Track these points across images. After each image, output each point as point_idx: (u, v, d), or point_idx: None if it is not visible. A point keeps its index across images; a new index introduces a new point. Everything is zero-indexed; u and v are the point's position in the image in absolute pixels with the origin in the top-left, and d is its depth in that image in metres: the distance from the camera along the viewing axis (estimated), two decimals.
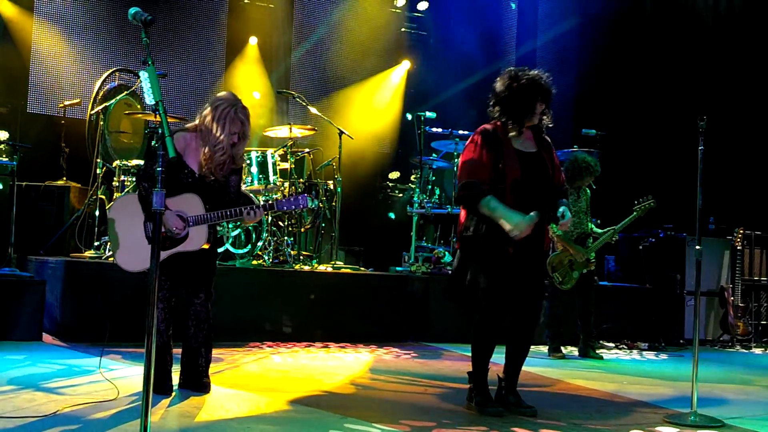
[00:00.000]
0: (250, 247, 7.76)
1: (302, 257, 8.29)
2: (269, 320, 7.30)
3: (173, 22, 10.41)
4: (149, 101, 3.24)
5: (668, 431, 4.45)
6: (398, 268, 9.15)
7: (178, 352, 4.79)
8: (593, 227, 7.57)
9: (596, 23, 11.73)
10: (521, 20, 12.58)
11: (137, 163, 7.59)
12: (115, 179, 7.63)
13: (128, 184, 7.49)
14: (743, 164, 10.56)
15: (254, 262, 7.75)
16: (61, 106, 8.85)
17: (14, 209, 7.41)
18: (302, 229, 8.60)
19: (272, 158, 8.04)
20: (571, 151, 9.04)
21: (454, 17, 12.04)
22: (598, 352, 7.59)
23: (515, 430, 4.24)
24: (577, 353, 7.60)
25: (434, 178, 9.30)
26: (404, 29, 12.17)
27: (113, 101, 8.53)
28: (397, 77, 11.98)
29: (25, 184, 8.23)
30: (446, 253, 8.94)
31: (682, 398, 5.37)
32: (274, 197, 7.94)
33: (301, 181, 8.55)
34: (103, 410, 4.08)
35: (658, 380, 6.42)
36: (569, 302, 7.48)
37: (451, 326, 7.78)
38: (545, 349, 7.48)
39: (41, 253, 7.78)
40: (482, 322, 4.61)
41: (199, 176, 4.63)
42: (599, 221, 8.05)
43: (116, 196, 7.39)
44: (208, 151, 4.60)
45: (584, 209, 7.47)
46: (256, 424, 4.04)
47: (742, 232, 9.31)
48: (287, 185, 8.15)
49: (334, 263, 8.45)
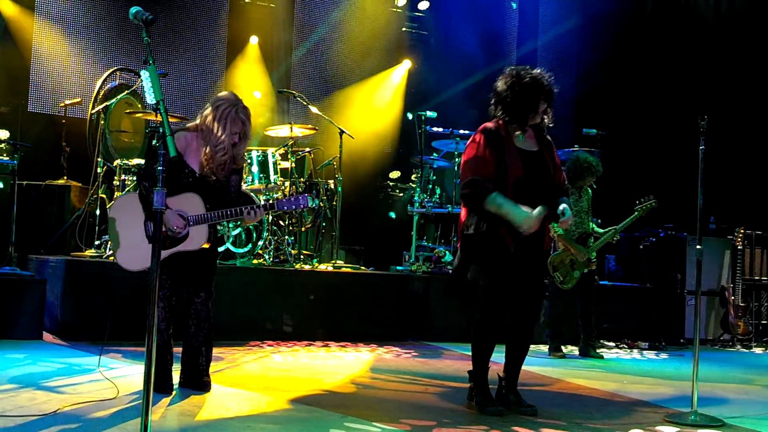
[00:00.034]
0: (250, 246, 7.77)
1: (303, 256, 8.29)
2: (270, 319, 7.30)
3: (174, 21, 10.42)
4: (150, 100, 3.23)
5: (669, 430, 4.45)
6: (399, 267, 9.15)
7: (178, 351, 4.79)
8: (594, 227, 7.57)
9: (597, 23, 11.74)
10: (522, 20, 12.57)
11: (138, 162, 7.58)
12: (115, 178, 7.63)
13: (129, 183, 7.49)
14: (744, 164, 10.56)
15: (255, 261, 7.75)
16: (61, 105, 8.85)
17: (15, 208, 7.41)
18: (303, 228, 8.60)
19: (273, 157, 8.04)
20: (572, 150, 9.04)
21: (454, 17, 12.04)
22: (598, 351, 7.60)
23: (516, 429, 4.24)
24: (577, 352, 7.61)
25: (435, 177, 9.31)
26: (405, 29, 12.18)
27: (114, 100, 8.54)
28: (397, 77, 11.98)
29: (25, 183, 8.23)
30: (447, 252, 8.94)
31: (682, 397, 5.37)
32: (274, 196, 7.95)
33: (301, 180, 8.56)
34: (103, 409, 4.08)
35: (658, 379, 6.42)
36: (570, 302, 7.48)
37: (451, 325, 7.78)
38: (546, 348, 7.49)
39: (42, 252, 7.79)
40: (482, 320, 4.61)
41: (199, 176, 4.63)
42: (600, 221, 8.05)
43: (117, 195, 7.40)
44: (209, 150, 4.60)
45: (586, 209, 7.47)
46: (256, 422, 4.04)
47: (742, 231, 9.31)
48: (288, 184, 8.15)
49: (334, 262, 8.45)
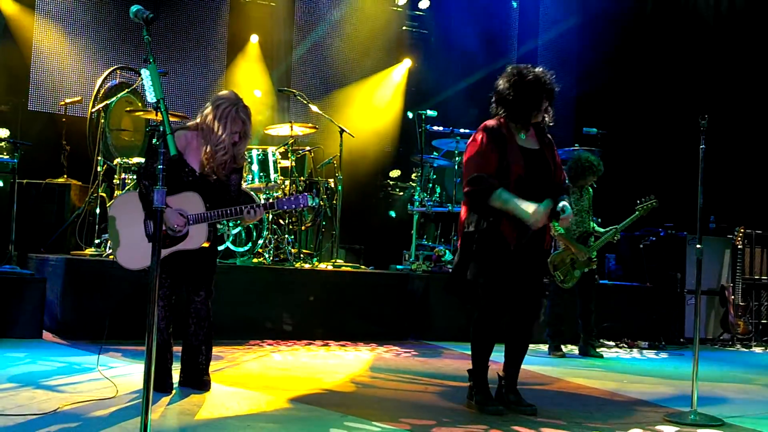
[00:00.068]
0: (250, 245, 7.76)
1: (303, 255, 8.29)
2: (269, 318, 7.30)
3: (175, 20, 10.41)
4: (151, 99, 3.23)
5: (668, 430, 4.45)
6: (399, 266, 9.15)
7: (178, 350, 4.79)
8: (595, 226, 7.57)
9: (597, 22, 11.72)
10: (522, 19, 12.57)
11: (138, 160, 7.58)
12: (115, 177, 7.64)
13: (129, 181, 7.49)
14: (744, 163, 10.56)
15: (255, 260, 7.75)
16: (62, 103, 8.85)
17: (15, 207, 7.41)
18: (303, 227, 8.60)
19: (273, 156, 8.04)
20: (572, 149, 9.04)
21: (455, 16, 12.03)
22: (598, 350, 7.59)
23: (515, 428, 4.24)
24: (577, 352, 7.60)
25: (435, 176, 9.31)
26: (405, 27, 12.17)
27: (114, 99, 8.54)
28: (398, 75, 11.97)
29: (26, 181, 8.23)
30: (447, 251, 8.93)
31: (682, 397, 5.37)
32: (274, 195, 7.95)
33: (302, 179, 8.56)
34: (103, 408, 4.08)
35: (658, 379, 6.42)
36: (570, 301, 7.48)
37: (451, 325, 7.77)
38: (545, 347, 7.48)
39: (42, 250, 7.79)
40: (482, 319, 4.61)
41: (199, 175, 4.63)
42: (600, 220, 8.05)
43: (117, 193, 7.40)
44: (209, 149, 4.60)
45: (586, 208, 7.46)
46: (256, 422, 4.04)
47: (742, 231, 9.31)
48: (288, 183, 8.15)
49: (334, 261, 8.45)
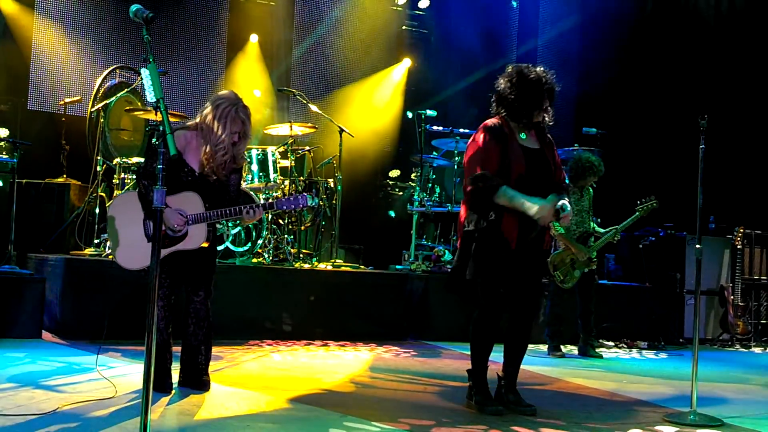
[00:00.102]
0: (250, 245, 7.76)
1: (302, 255, 8.29)
2: (269, 318, 7.29)
3: (174, 19, 10.41)
4: (150, 99, 3.23)
5: (668, 430, 4.45)
6: (398, 266, 9.14)
7: (177, 350, 4.79)
8: (595, 227, 7.57)
9: (597, 22, 11.73)
10: (522, 18, 12.57)
11: (137, 160, 7.58)
12: (115, 177, 7.63)
13: (128, 181, 7.49)
14: (744, 163, 10.56)
15: (254, 260, 7.74)
16: (61, 103, 8.85)
17: (14, 206, 7.39)
18: (302, 227, 8.59)
19: (273, 156, 8.04)
20: (571, 149, 9.05)
21: (454, 15, 12.03)
22: (597, 350, 7.59)
23: (515, 428, 4.24)
24: (576, 352, 7.60)
25: (435, 176, 9.30)
26: (405, 27, 12.17)
27: (114, 99, 8.53)
28: (397, 75, 11.97)
29: (25, 181, 8.22)
30: (446, 251, 8.93)
31: (681, 397, 5.37)
32: (274, 195, 7.94)
33: (301, 179, 8.55)
34: (102, 408, 4.08)
35: (657, 379, 6.42)
36: (570, 301, 7.48)
37: (450, 325, 7.77)
38: (545, 347, 7.48)
39: (41, 250, 7.78)
40: (481, 318, 4.62)
41: (199, 175, 4.63)
42: (599, 220, 8.05)
43: (116, 193, 7.40)
44: (209, 149, 4.59)
45: (587, 208, 7.47)
46: (255, 422, 4.04)
47: (742, 231, 9.31)
48: (287, 183, 8.15)
49: (334, 261, 8.44)
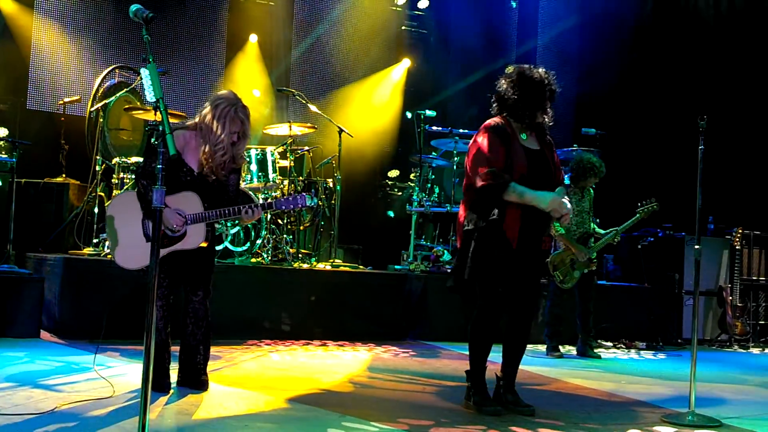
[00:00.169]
0: (249, 245, 7.76)
1: (301, 255, 8.29)
2: (268, 318, 7.29)
3: (174, 19, 10.40)
4: (150, 98, 3.23)
5: (666, 431, 4.45)
6: (397, 266, 9.14)
7: (176, 349, 4.79)
8: (595, 227, 7.57)
9: (597, 22, 11.73)
10: (522, 19, 12.57)
11: (136, 160, 7.58)
12: (114, 176, 7.63)
13: (127, 181, 7.48)
14: (743, 164, 10.56)
15: (253, 260, 7.74)
16: (60, 103, 8.84)
17: (13, 206, 7.39)
18: (301, 227, 8.59)
19: (272, 156, 8.04)
20: (570, 150, 9.05)
21: (454, 16, 12.04)
22: (596, 351, 7.59)
23: (513, 429, 4.24)
24: (575, 352, 7.61)
25: (434, 176, 9.30)
26: (404, 27, 12.17)
27: (113, 98, 8.53)
28: (397, 75, 11.97)
29: (24, 181, 8.22)
30: (445, 251, 8.93)
31: (680, 398, 5.37)
32: (273, 195, 7.94)
33: (300, 178, 8.55)
34: (101, 407, 4.08)
35: (656, 380, 6.42)
36: (569, 301, 7.48)
37: (449, 325, 7.77)
38: (543, 348, 7.48)
39: (40, 250, 7.78)
40: (480, 318, 4.62)
41: (198, 174, 4.63)
42: (598, 220, 8.05)
43: (115, 193, 7.39)
44: (208, 149, 4.59)
45: (587, 209, 7.47)
46: (254, 422, 4.04)
47: (741, 231, 9.32)
48: (287, 183, 8.15)
49: (332, 261, 8.44)
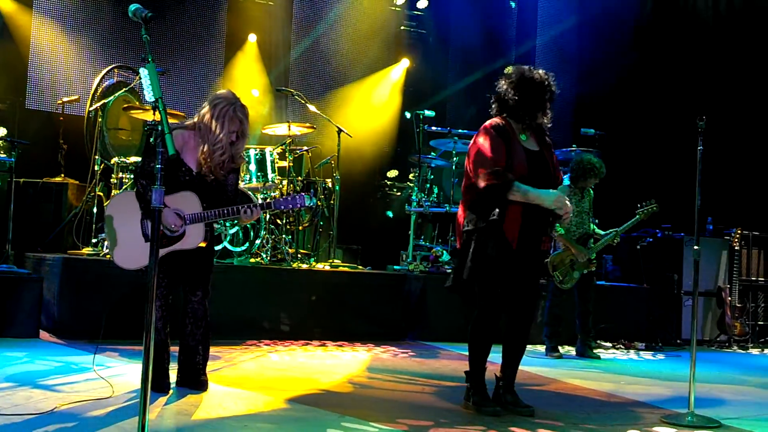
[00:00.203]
0: (248, 245, 7.76)
1: (300, 255, 8.29)
2: (267, 318, 7.29)
3: (173, 19, 10.39)
4: (149, 98, 3.23)
5: (665, 431, 4.45)
6: (396, 266, 9.14)
7: (175, 350, 4.78)
8: (595, 228, 7.57)
9: (596, 23, 11.73)
10: (521, 19, 12.57)
11: (135, 160, 7.57)
12: (113, 176, 7.62)
13: (126, 181, 7.48)
14: (742, 165, 10.56)
15: (252, 260, 7.74)
16: (59, 102, 8.84)
17: (12, 206, 7.38)
18: (300, 227, 8.59)
19: (271, 156, 8.04)
20: (569, 150, 9.05)
21: (453, 16, 12.04)
22: (595, 351, 7.59)
23: (512, 429, 4.24)
24: (574, 353, 7.61)
25: (432, 176, 9.29)
26: (404, 27, 12.17)
27: (112, 98, 8.52)
28: (396, 75, 11.97)
29: (23, 180, 8.22)
30: (444, 252, 8.93)
31: (679, 398, 5.37)
32: (272, 195, 7.94)
33: (299, 179, 8.55)
34: (100, 408, 4.07)
35: (655, 380, 6.42)
36: (568, 302, 7.48)
37: (448, 325, 7.77)
38: (542, 348, 7.48)
39: (39, 250, 7.77)
40: (480, 319, 4.62)
41: (196, 174, 4.62)
42: (597, 221, 8.05)
43: (114, 193, 7.39)
44: (207, 149, 4.59)
45: (587, 210, 7.47)
46: (253, 422, 4.04)
47: (739, 232, 9.32)
48: (285, 183, 8.14)
49: (331, 261, 8.44)
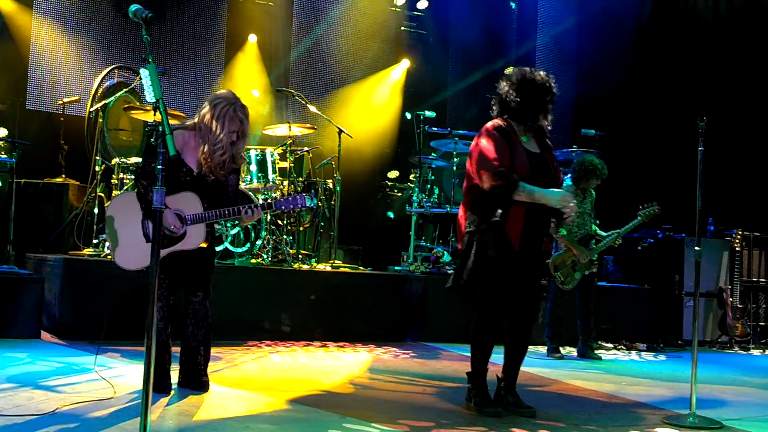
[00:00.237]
0: (249, 245, 7.75)
1: (301, 256, 8.28)
2: (268, 319, 7.28)
3: (173, 19, 10.39)
4: (150, 99, 3.23)
5: None
6: (397, 267, 9.14)
7: (176, 350, 4.78)
8: (597, 229, 7.57)
9: (596, 23, 11.73)
10: (521, 19, 12.57)
11: (136, 160, 7.57)
12: (114, 177, 7.62)
13: (127, 181, 7.48)
14: (743, 165, 10.55)
15: (253, 260, 7.74)
16: (60, 103, 8.83)
17: (13, 206, 7.38)
18: (301, 227, 8.59)
19: (271, 157, 8.04)
20: (569, 151, 9.04)
21: (453, 16, 12.04)
22: (596, 352, 7.59)
23: (514, 430, 4.24)
24: (575, 354, 7.60)
25: (433, 177, 9.29)
26: (404, 28, 12.17)
27: (112, 98, 8.52)
28: (396, 76, 11.97)
29: (23, 181, 8.21)
30: (445, 252, 8.93)
31: (680, 399, 5.37)
32: (273, 196, 7.94)
33: (300, 179, 8.54)
34: (102, 408, 4.07)
35: (656, 381, 6.42)
36: (570, 302, 7.48)
37: (449, 326, 7.76)
38: (544, 349, 7.48)
39: (40, 250, 7.77)
40: (481, 320, 4.61)
41: (197, 175, 4.62)
42: (598, 222, 8.05)
43: (115, 193, 7.38)
44: (207, 149, 4.58)
45: (589, 211, 7.47)
46: (254, 423, 4.03)
47: (741, 233, 9.31)
48: (286, 184, 8.14)
49: (332, 262, 8.44)
